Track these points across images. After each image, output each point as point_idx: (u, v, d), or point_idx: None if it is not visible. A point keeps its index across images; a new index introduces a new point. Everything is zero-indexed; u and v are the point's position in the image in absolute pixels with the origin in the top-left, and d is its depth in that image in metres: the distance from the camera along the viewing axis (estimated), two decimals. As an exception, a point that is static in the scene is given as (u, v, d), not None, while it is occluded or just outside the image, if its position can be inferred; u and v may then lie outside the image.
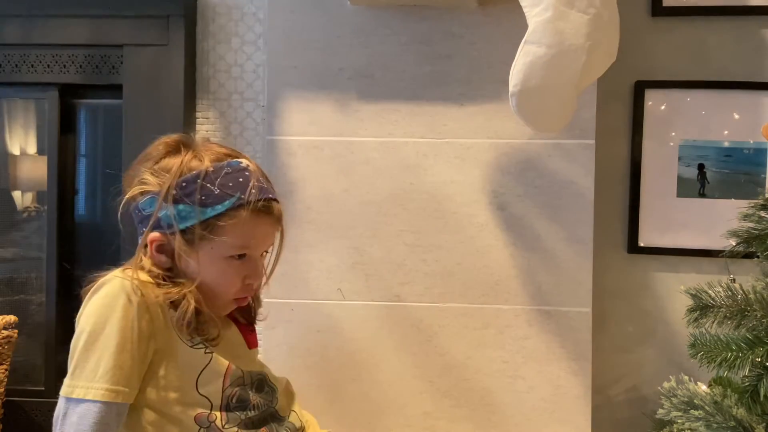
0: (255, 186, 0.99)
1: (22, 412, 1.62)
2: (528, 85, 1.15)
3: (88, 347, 0.90)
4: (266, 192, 1.01)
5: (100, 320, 0.91)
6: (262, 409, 1.01)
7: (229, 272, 0.99)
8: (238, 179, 0.98)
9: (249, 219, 0.97)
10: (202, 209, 0.96)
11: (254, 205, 0.97)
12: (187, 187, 0.96)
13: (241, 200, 0.97)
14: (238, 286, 1.01)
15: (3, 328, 1.47)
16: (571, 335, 1.40)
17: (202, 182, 0.96)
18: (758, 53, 1.52)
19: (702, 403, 0.88)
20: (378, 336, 1.43)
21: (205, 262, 0.97)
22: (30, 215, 1.73)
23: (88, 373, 0.89)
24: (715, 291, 0.99)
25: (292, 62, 1.44)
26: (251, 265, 1.01)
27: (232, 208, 0.96)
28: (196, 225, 0.96)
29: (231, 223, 0.96)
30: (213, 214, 0.96)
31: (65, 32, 1.58)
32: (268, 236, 1.04)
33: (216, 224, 0.96)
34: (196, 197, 0.96)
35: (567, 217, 1.40)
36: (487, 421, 1.41)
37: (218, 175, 0.97)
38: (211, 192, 0.96)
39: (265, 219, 1.00)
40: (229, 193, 0.97)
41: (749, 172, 1.51)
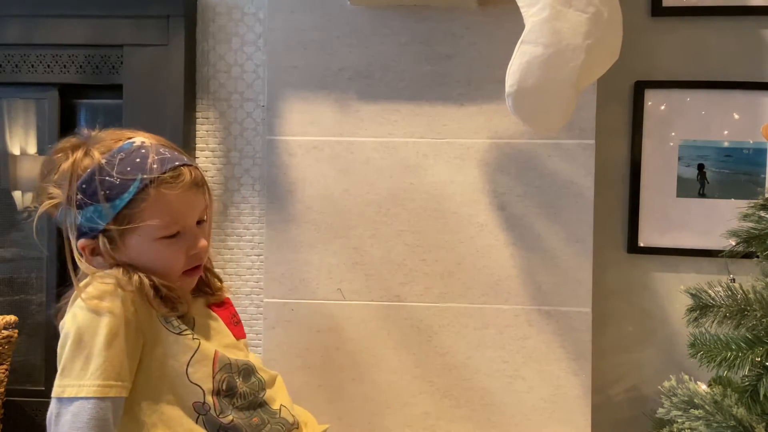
0: (155, 160, 0.94)
1: (22, 412, 1.62)
2: (525, 85, 1.15)
3: (74, 347, 0.90)
4: (170, 161, 0.96)
5: (85, 320, 0.91)
6: (249, 398, 1.00)
7: (168, 252, 0.96)
8: (135, 160, 0.94)
9: (161, 195, 0.93)
10: (110, 204, 0.93)
11: (160, 180, 0.93)
12: (87, 188, 0.94)
13: (144, 180, 0.93)
14: (182, 262, 0.98)
15: (3, 328, 1.47)
16: (571, 335, 1.40)
17: (99, 177, 0.93)
18: (758, 53, 1.52)
19: (702, 402, 0.88)
20: (378, 336, 1.43)
21: (139, 251, 0.95)
22: (30, 215, 1.73)
23: (78, 371, 0.89)
24: (715, 291, 0.99)
25: (292, 62, 1.44)
26: (188, 237, 0.98)
27: (139, 191, 0.92)
28: (111, 221, 0.93)
29: (144, 207, 0.93)
30: (122, 205, 0.93)
31: (65, 32, 1.58)
32: (191, 204, 0.98)
33: (130, 213, 0.93)
34: (99, 195, 0.93)
35: (567, 217, 1.40)
36: (487, 421, 1.41)
37: (113, 164, 0.94)
38: (112, 183, 0.93)
39: (178, 188, 0.95)
40: (130, 178, 0.93)
41: (749, 172, 1.51)
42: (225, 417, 0.96)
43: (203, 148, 1.61)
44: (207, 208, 1.02)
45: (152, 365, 0.94)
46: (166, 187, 0.94)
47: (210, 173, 1.61)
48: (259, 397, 1.02)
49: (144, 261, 0.96)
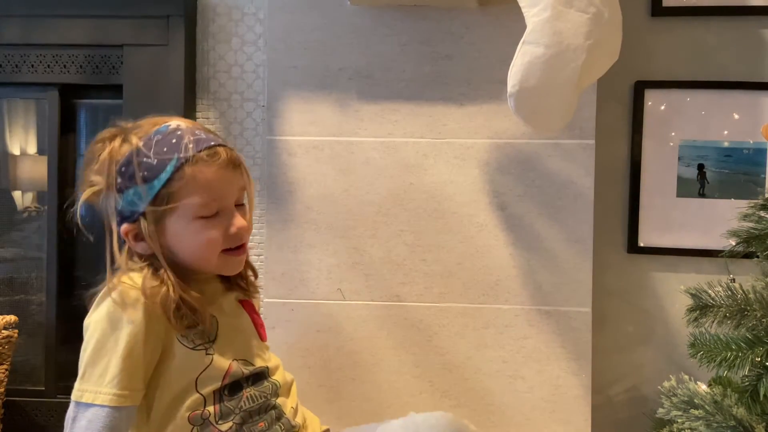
0: (191, 140, 0.95)
1: (22, 412, 1.62)
2: (526, 86, 1.15)
3: (96, 352, 0.91)
4: (205, 141, 0.97)
5: (109, 326, 0.91)
6: (259, 402, 1.00)
7: (207, 233, 0.96)
8: (171, 141, 0.95)
9: (197, 173, 0.94)
10: (148, 186, 0.93)
11: (196, 158, 0.94)
12: (126, 171, 0.95)
13: (180, 159, 0.93)
14: (220, 242, 0.97)
15: (3, 328, 1.47)
16: (571, 335, 1.40)
17: (137, 160, 0.94)
18: (758, 53, 1.52)
19: (702, 402, 0.88)
20: (378, 336, 1.43)
21: (178, 233, 0.95)
22: (30, 215, 1.73)
23: (97, 378, 0.90)
24: (715, 291, 0.99)
25: (292, 62, 1.44)
26: (227, 217, 0.98)
27: (176, 170, 0.93)
28: (150, 203, 0.94)
29: (181, 186, 0.93)
30: (160, 185, 0.93)
31: (65, 32, 1.58)
32: (228, 182, 0.98)
33: (168, 193, 0.93)
34: (138, 177, 0.94)
35: (567, 217, 1.40)
36: (487, 421, 1.41)
37: (150, 146, 0.95)
38: (150, 165, 0.94)
39: (214, 166, 0.95)
40: (167, 158, 0.94)
41: (749, 172, 1.51)
42: (224, 425, 0.96)
43: (203, 148, 1.61)
44: (245, 190, 1.02)
45: (161, 374, 0.94)
46: (203, 166, 0.94)
47: (210, 173, 1.61)
48: (270, 401, 1.02)
49: (183, 244, 0.96)
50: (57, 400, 1.63)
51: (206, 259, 0.98)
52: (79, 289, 1.68)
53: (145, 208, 0.94)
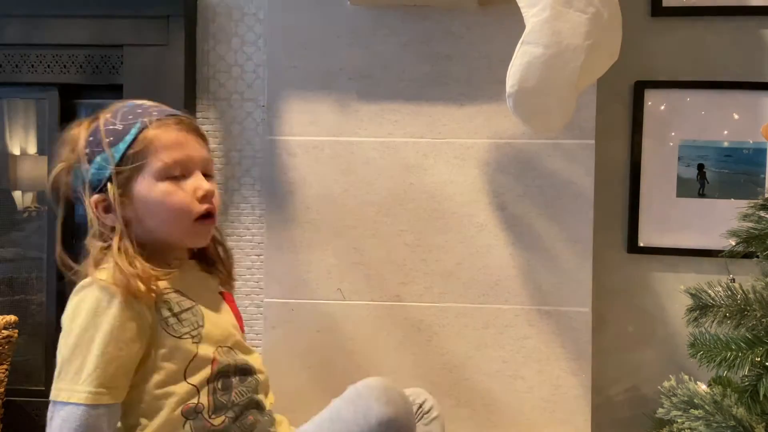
0: (155, 109, 1.00)
1: (22, 412, 1.62)
2: (525, 86, 1.15)
3: (72, 350, 0.91)
4: (169, 111, 1.01)
5: (85, 323, 0.91)
6: (246, 397, 1.00)
7: (173, 191, 0.97)
8: (136, 111, 0.99)
9: (160, 134, 0.97)
10: (114, 149, 0.96)
11: (159, 122, 0.97)
12: (93, 140, 0.98)
13: (144, 122, 0.97)
14: (188, 201, 0.97)
15: (3, 328, 1.47)
16: (571, 335, 1.40)
17: (104, 128, 0.97)
18: (758, 53, 1.52)
19: (702, 402, 0.88)
20: (378, 336, 1.43)
21: (145, 197, 0.96)
22: (30, 215, 1.73)
23: (72, 375, 0.89)
24: (714, 291, 0.99)
25: (292, 62, 1.44)
26: (195, 179, 0.99)
27: (140, 132, 0.96)
28: (116, 164, 0.95)
29: (145, 145, 0.96)
30: (125, 147, 0.95)
31: (65, 32, 1.58)
32: (191, 146, 1.00)
33: (133, 153, 0.95)
34: (104, 143, 0.96)
35: (567, 217, 1.40)
36: (487, 421, 1.41)
37: (116, 116, 0.98)
38: (115, 130, 0.97)
39: (175, 129, 0.98)
40: (132, 122, 0.97)
41: (749, 172, 1.51)
42: (216, 419, 0.96)
43: (203, 148, 1.61)
44: (211, 162, 1.04)
45: (149, 367, 0.94)
46: (165, 128, 0.97)
47: (210, 173, 1.61)
48: (254, 397, 1.03)
49: (151, 210, 0.96)
50: (57, 400, 1.63)
51: (173, 225, 0.98)
52: (79, 289, 1.68)
53: (112, 169, 0.95)
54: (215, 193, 1.01)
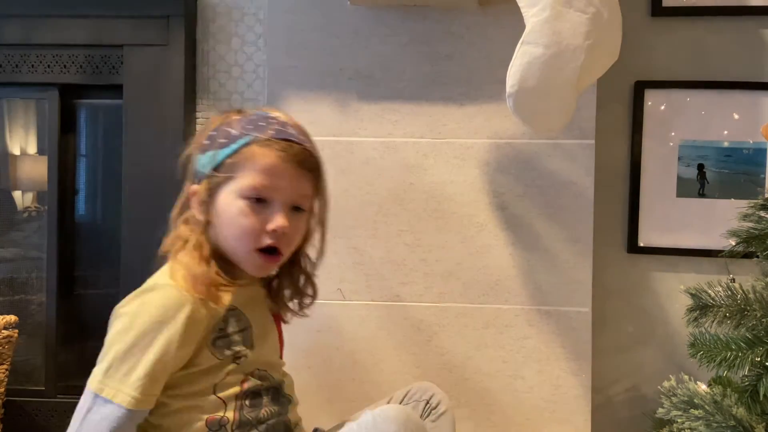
0: (275, 128, 0.95)
1: (22, 412, 1.62)
2: (525, 86, 1.15)
3: (128, 349, 0.88)
4: (286, 134, 0.96)
5: (148, 326, 0.89)
6: (274, 417, 0.99)
7: (247, 216, 0.93)
8: (258, 123, 0.96)
9: (260, 154, 0.93)
10: (220, 152, 0.95)
11: (266, 141, 0.94)
12: (214, 135, 0.97)
13: (254, 137, 0.94)
14: (257, 229, 0.94)
15: (3, 328, 1.47)
16: (571, 335, 1.40)
17: (224, 128, 0.96)
18: (758, 53, 1.52)
19: (702, 402, 0.88)
20: (378, 336, 1.43)
21: (224, 208, 0.95)
22: (30, 215, 1.74)
23: (122, 376, 0.87)
24: (714, 291, 0.99)
25: (292, 62, 1.44)
26: (273, 210, 0.95)
27: (245, 145, 0.94)
28: (214, 168, 0.94)
29: (242, 159, 0.93)
30: (227, 153, 0.94)
31: (65, 32, 1.58)
32: (287, 177, 0.95)
33: (230, 163, 0.94)
34: (217, 142, 0.95)
35: (567, 217, 1.40)
36: (487, 421, 1.41)
37: (242, 120, 0.97)
38: (230, 134, 0.95)
39: (279, 156, 0.94)
40: (246, 133, 0.95)
41: (749, 172, 1.51)
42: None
43: (203, 148, 1.61)
44: (311, 198, 1.00)
45: (182, 377, 0.92)
46: (269, 150, 0.94)
47: (210, 173, 1.61)
48: (283, 416, 1.01)
49: (224, 220, 0.95)
50: (57, 400, 1.63)
51: (237, 245, 0.96)
52: (79, 290, 1.69)
53: (209, 171, 0.95)
54: (290, 231, 0.96)
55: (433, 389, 1.15)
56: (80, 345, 1.68)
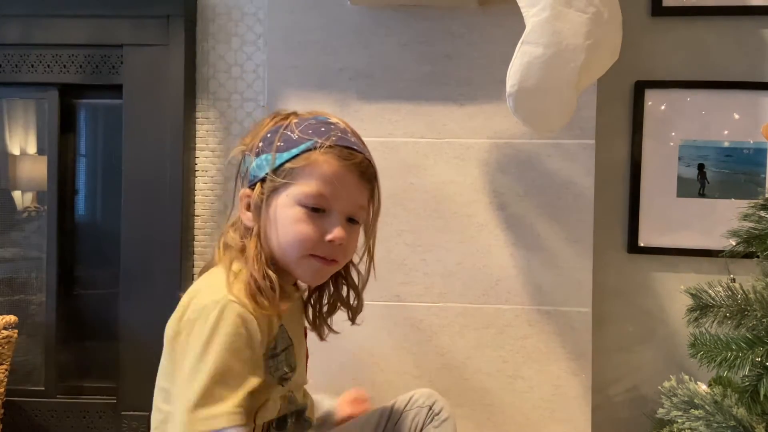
0: (337, 135, 0.92)
1: (22, 412, 1.62)
2: (525, 86, 1.15)
3: (214, 378, 0.82)
4: (348, 142, 0.93)
5: (226, 352, 0.82)
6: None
7: (303, 220, 0.90)
8: (320, 128, 0.93)
9: (322, 162, 0.90)
10: (278, 155, 0.91)
11: (329, 148, 0.90)
12: (269, 138, 0.93)
13: (316, 143, 0.90)
14: (313, 239, 0.91)
15: (3, 328, 1.47)
16: (571, 335, 1.40)
17: (283, 131, 0.93)
18: (758, 53, 1.52)
19: (702, 402, 0.88)
20: (378, 336, 1.43)
21: (279, 213, 0.91)
22: (30, 215, 1.73)
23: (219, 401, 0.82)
24: (715, 291, 0.99)
25: (292, 62, 1.44)
26: (330, 221, 0.92)
27: (306, 151, 0.90)
28: (272, 172, 0.91)
29: (303, 166, 0.90)
30: (287, 158, 0.91)
31: (65, 32, 1.58)
32: (348, 187, 0.92)
33: (290, 168, 0.90)
34: (274, 145, 0.92)
35: (567, 217, 1.40)
36: (487, 421, 1.41)
37: (301, 124, 0.94)
38: (289, 138, 0.92)
39: (342, 166, 0.91)
40: (306, 138, 0.91)
41: (749, 172, 1.51)
42: None
43: (203, 148, 1.61)
44: (365, 210, 0.98)
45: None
46: (331, 158, 0.91)
47: (210, 173, 1.61)
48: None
49: (277, 227, 0.91)
50: (57, 400, 1.63)
51: (290, 252, 0.91)
52: (79, 290, 1.69)
53: (266, 174, 0.91)
54: (347, 242, 0.93)
55: (436, 396, 1.13)
56: (80, 345, 1.68)
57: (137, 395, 1.55)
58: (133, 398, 1.56)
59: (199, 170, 1.61)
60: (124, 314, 1.57)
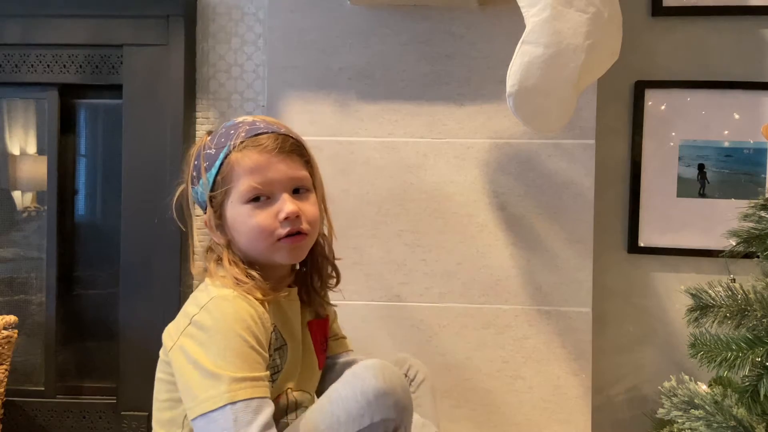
0: (244, 130, 0.97)
1: (22, 412, 1.62)
2: (525, 85, 1.15)
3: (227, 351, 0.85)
4: (256, 130, 0.98)
5: (232, 325, 0.87)
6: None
7: (255, 215, 0.95)
8: (229, 132, 0.98)
9: (241, 158, 0.95)
10: (208, 174, 0.97)
11: (243, 144, 0.96)
12: (197, 163, 0.99)
13: (230, 146, 0.96)
14: (270, 225, 0.95)
15: (3, 328, 1.47)
16: (571, 335, 1.40)
17: (203, 153, 0.98)
18: (758, 53, 1.52)
19: (702, 402, 0.88)
20: (378, 336, 1.42)
21: (234, 219, 0.96)
22: (30, 215, 1.73)
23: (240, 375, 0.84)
24: (715, 291, 0.99)
25: (292, 62, 1.44)
26: (276, 201, 0.96)
27: (225, 157, 0.96)
28: (210, 190, 0.97)
29: (229, 170, 0.95)
30: (215, 173, 0.96)
31: (65, 32, 1.58)
32: (274, 168, 0.96)
33: (221, 179, 0.96)
34: (202, 168, 0.97)
35: (567, 217, 1.40)
36: (487, 421, 1.41)
37: (214, 138, 0.99)
38: (210, 155, 0.97)
39: (257, 151, 0.95)
40: (221, 147, 0.97)
41: (749, 172, 1.51)
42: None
43: (203, 148, 1.61)
44: (306, 177, 1.00)
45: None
46: (248, 151, 0.95)
47: (210, 173, 1.61)
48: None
49: (239, 231, 0.96)
50: (57, 400, 1.63)
51: (259, 245, 0.96)
52: (78, 290, 1.69)
53: (208, 195, 0.97)
54: (304, 211, 0.97)
55: (410, 360, 1.15)
56: (80, 345, 1.68)
57: (137, 395, 1.54)
58: (133, 398, 1.56)
59: (199, 170, 1.61)
60: (124, 314, 1.56)
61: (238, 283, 0.92)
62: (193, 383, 0.85)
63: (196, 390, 0.84)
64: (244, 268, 0.95)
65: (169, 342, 0.91)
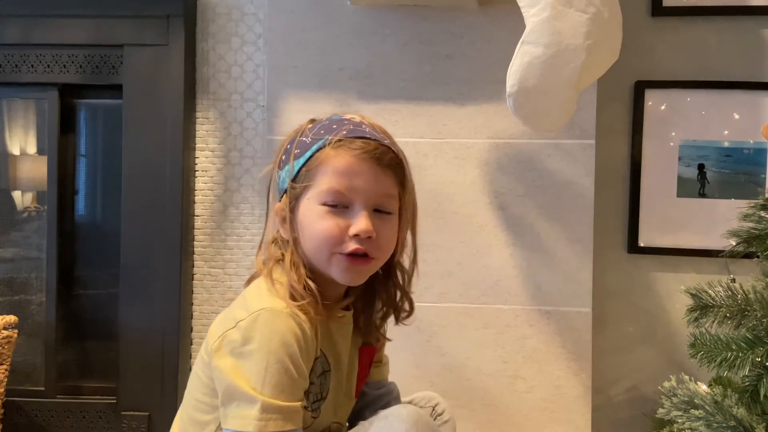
0: (349, 128, 0.90)
1: (22, 412, 1.62)
2: (525, 86, 1.15)
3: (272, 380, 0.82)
4: (360, 132, 0.90)
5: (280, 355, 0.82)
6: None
7: (326, 222, 0.87)
8: (331, 126, 0.91)
9: (333, 156, 0.87)
10: (296, 162, 0.90)
11: (338, 142, 0.88)
12: (289, 148, 0.92)
13: (326, 140, 0.89)
14: (336, 235, 0.87)
15: (3, 328, 1.47)
16: (571, 335, 1.40)
17: (298, 139, 0.91)
18: (758, 53, 1.52)
19: (702, 402, 0.88)
20: (378, 336, 1.42)
21: (305, 216, 0.89)
22: (30, 215, 1.73)
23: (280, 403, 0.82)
24: (715, 291, 0.99)
25: (292, 62, 1.44)
26: (354, 214, 0.88)
27: (317, 150, 0.88)
28: (292, 179, 0.90)
29: (317, 165, 0.88)
30: (302, 163, 0.89)
31: (65, 32, 1.58)
32: (364, 178, 0.88)
33: (306, 172, 0.89)
34: (292, 154, 0.91)
35: (567, 217, 1.40)
36: (487, 421, 1.41)
37: (315, 127, 0.92)
38: (303, 143, 0.90)
39: (354, 155, 0.87)
40: (318, 138, 0.90)
41: (749, 172, 1.51)
42: None
43: (203, 148, 1.61)
44: (394, 198, 0.93)
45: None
46: (343, 151, 0.88)
47: (210, 173, 1.61)
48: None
49: (305, 230, 0.89)
50: (56, 400, 1.63)
51: (320, 253, 0.89)
52: (78, 290, 1.69)
53: (288, 184, 0.90)
54: (379, 234, 0.89)
55: (438, 398, 1.11)
56: (80, 345, 1.68)
57: (137, 395, 1.55)
58: (133, 398, 1.56)
59: (199, 170, 1.61)
60: (124, 314, 1.56)
61: (293, 297, 0.86)
62: (228, 392, 0.82)
63: (228, 401, 0.82)
64: (303, 275, 0.88)
65: (211, 340, 0.87)
